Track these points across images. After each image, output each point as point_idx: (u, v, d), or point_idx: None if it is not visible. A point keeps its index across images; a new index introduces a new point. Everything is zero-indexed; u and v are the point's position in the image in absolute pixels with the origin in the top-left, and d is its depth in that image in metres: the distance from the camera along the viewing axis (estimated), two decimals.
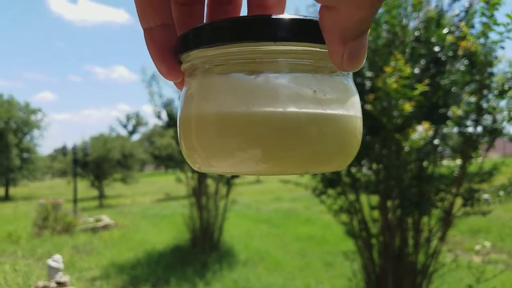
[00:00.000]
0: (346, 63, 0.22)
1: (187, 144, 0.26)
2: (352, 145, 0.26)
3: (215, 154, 0.24)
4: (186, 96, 0.26)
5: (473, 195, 1.96)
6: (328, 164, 0.25)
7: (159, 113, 4.65)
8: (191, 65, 0.26)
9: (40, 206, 6.34)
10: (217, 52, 0.24)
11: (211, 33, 0.24)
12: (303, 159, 0.24)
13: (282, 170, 0.24)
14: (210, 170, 0.26)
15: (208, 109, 0.24)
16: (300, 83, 0.23)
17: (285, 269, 3.78)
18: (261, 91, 0.23)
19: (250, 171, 0.24)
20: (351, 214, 2.30)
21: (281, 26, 0.22)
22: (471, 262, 2.71)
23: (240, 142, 0.23)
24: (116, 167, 13.98)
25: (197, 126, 0.25)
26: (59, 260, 3.27)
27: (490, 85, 1.86)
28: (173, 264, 4.03)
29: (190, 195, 4.57)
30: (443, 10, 2.08)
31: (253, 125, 0.23)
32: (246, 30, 0.23)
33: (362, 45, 0.22)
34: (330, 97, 0.24)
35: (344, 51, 0.21)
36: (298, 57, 0.24)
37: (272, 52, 0.23)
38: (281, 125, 0.23)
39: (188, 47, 0.25)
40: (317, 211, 6.41)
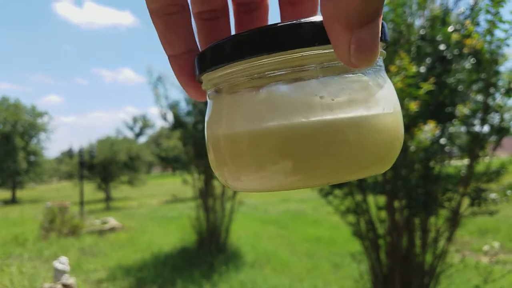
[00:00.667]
0: (354, 57, 0.18)
1: (217, 159, 0.26)
2: (386, 146, 0.23)
3: (245, 169, 0.24)
4: (212, 114, 0.26)
5: (480, 194, 1.94)
6: (358, 172, 0.23)
7: (166, 115, 4.66)
8: (211, 85, 0.26)
9: (47, 209, 6.37)
10: (236, 69, 0.23)
11: (223, 51, 0.23)
12: (326, 171, 0.22)
13: (308, 183, 0.23)
14: (238, 186, 0.25)
15: (237, 127, 0.23)
16: (303, 91, 0.22)
17: (293, 271, 3.76)
18: (268, 105, 0.22)
19: (277, 184, 0.23)
20: (358, 214, 2.29)
21: (277, 35, 0.21)
22: (479, 262, 2.68)
23: (268, 156, 0.22)
24: (123, 170, 14.02)
25: (228, 144, 0.24)
26: (65, 262, 3.28)
27: (497, 84, 1.84)
28: (179, 266, 4.03)
29: (197, 196, 4.57)
30: (448, 8, 2.07)
31: (264, 140, 0.22)
32: (245, 46, 0.22)
33: (373, 34, 0.18)
34: (341, 99, 0.22)
35: (350, 41, 0.18)
36: (300, 64, 0.22)
37: (272, 64, 0.22)
38: (290, 139, 0.22)
39: (203, 68, 0.25)
40: (325, 212, 6.39)
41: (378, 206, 2.25)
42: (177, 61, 0.27)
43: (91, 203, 12.71)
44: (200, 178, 4.53)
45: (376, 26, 0.18)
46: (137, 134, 40.30)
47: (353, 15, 0.18)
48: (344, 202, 2.38)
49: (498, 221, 4.96)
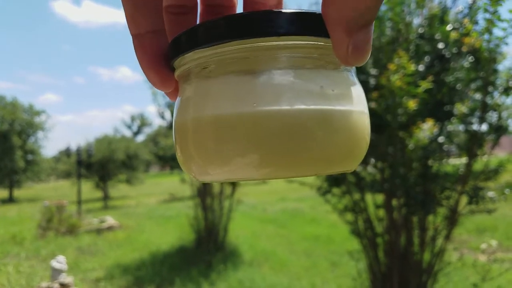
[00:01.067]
0: (351, 56, 0.21)
1: (183, 151, 0.25)
2: (362, 143, 0.25)
3: (212, 161, 0.23)
4: (182, 102, 0.25)
5: (478, 193, 1.94)
6: (338, 165, 0.24)
7: (163, 114, 4.66)
8: (186, 70, 0.25)
9: (44, 208, 6.35)
10: (213, 52, 0.22)
11: (206, 32, 0.22)
12: (312, 160, 0.22)
13: (285, 174, 0.23)
14: (206, 179, 0.25)
15: (206, 112, 0.23)
16: (306, 79, 0.22)
17: (291, 269, 3.77)
18: (265, 89, 0.22)
19: (248, 176, 0.23)
20: (356, 213, 2.29)
21: (282, 19, 0.21)
22: (476, 260, 2.69)
23: (239, 146, 0.22)
24: (121, 168, 14.00)
25: (194, 132, 0.23)
26: (62, 261, 3.27)
27: (495, 82, 1.85)
28: (178, 264, 4.03)
29: (195, 195, 4.57)
30: (446, 7, 2.07)
31: (257, 126, 0.21)
32: (244, 25, 0.21)
33: (368, 37, 0.21)
34: (338, 92, 0.23)
35: (349, 43, 0.21)
36: (302, 52, 0.22)
37: (273, 48, 0.22)
38: (289, 124, 0.21)
39: (181, 50, 0.23)
40: (323, 211, 6.39)
41: (376, 204, 2.25)
42: (141, 40, 0.25)
43: (88, 202, 12.69)
44: None
45: (370, 30, 0.21)
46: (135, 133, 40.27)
47: (353, 21, 0.20)
48: (342, 201, 2.38)
49: (496, 220, 4.98)
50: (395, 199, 2.10)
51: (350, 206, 2.31)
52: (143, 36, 0.25)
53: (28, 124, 18.79)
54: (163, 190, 14.92)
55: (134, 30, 0.25)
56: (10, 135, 17.15)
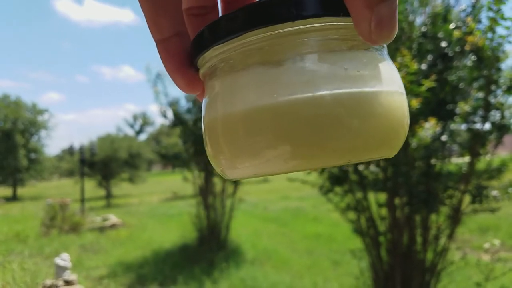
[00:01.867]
0: (375, 33, 0.19)
1: (213, 147, 0.24)
2: (401, 125, 0.23)
3: (241, 154, 0.22)
4: (209, 99, 0.24)
5: (481, 192, 1.94)
6: (374, 151, 0.22)
7: (165, 112, 4.66)
8: (209, 67, 0.24)
9: (47, 206, 6.38)
10: (232, 45, 0.22)
11: (223, 26, 0.22)
12: (342, 148, 0.21)
13: (316, 164, 0.22)
14: (234, 174, 0.24)
15: (234, 108, 0.22)
16: (327, 62, 0.21)
17: (293, 268, 3.77)
18: (285, 78, 0.21)
19: (277, 169, 0.22)
20: (358, 212, 2.29)
21: (297, 2, 0.20)
22: (480, 260, 2.69)
23: (265, 138, 0.21)
24: (124, 167, 14.03)
25: (223, 128, 0.23)
26: (66, 258, 3.29)
27: (498, 81, 1.84)
28: (180, 263, 4.04)
29: (197, 194, 4.58)
30: (449, 5, 2.06)
31: (279, 117, 0.20)
32: (261, 14, 0.20)
33: (392, 9, 0.19)
34: (365, 73, 0.21)
35: (371, 17, 0.19)
36: (321, 35, 0.21)
37: (291, 34, 0.21)
38: (312, 112, 0.20)
39: (203, 48, 0.23)
40: (325, 210, 6.39)
41: (378, 203, 2.25)
42: (165, 45, 0.25)
43: (91, 200, 12.73)
44: (200, 175, 4.53)
45: (395, 1, 0.19)
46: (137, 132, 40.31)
47: None
48: (344, 199, 2.37)
49: (499, 219, 4.96)
50: (397, 197, 2.10)
51: (353, 204, 2.31)
52: (167, 41, 0.25)
53: (31, 122, 18.85)
54: (166, 188, 14.95)
55: (157, 36, 0.25)
56: (13, 134, 17.21)
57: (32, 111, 19.22)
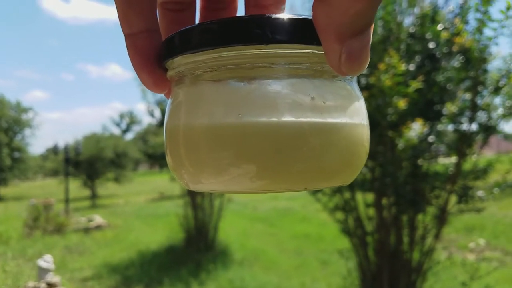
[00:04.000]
0: (344, 65, 0.19)
1: (174, 158, 0.24)
2: (358, 156, 0.23)
3: (205, 170, 0.22)
4: (173, 106, 0.24)
5: (467, 192, 1.96)
6: (331, 179, 0.23)
7: (153, 111, 4.62)
8: (177, 73, 0.24)
9: (31, 206, 6.28)
10: (205, 57, 0.21)
11: (198, 36, 0.21)
12: (303, 175, 0.21)
13: (279, 187, 0.22)
14: (198, 188, 0.23)
15: (197, 120, 0.22)
16: (296, 89, 0.21)
17: (281, 268, 3.76)
18: (253, 99, 0.21)
19: (243, 188, 0.22)
20: (346, 212, 2.29)
21: (273, 27, 0.20)
22: (465, 259, 2.71)
23: (231, 156, 0.21)
24: (109, 167, 13.88)
25: (186, 140, 0.22)
26: (49, 260, 3.23)
27: (485, 82, 1.86)
28: (167, 264, 4.00)
29: (185, 194, 4.55)
30: (437, 6, 2.07)
31: (244, 137, 0.20)
32: (236, 32, 0.20)
33: (363, 44, 0.19)
34: (330, 104, 0.22)
35: (341, 51, 0.19)
36: (293, 61, 0.21)
37: (264, 56, 0.21)
38: (275, 137, 0.20)
39: (173, 53, 0.22)
40: (314, 210, 6.40)
41: (366, 203, 2.25)
42: (134, 40, 0.24)
43: (76, 200, 12.56)
44: None
45: (367, 36, 0.19)
46: (124, 131, 39.98)
47: (345, 27, 0.18)
48: (332, 200, 2.37)
49: (484, 219, 5.03)
50: (385, 198, 2.11)
51: (341, 204, 2.31)
52: (136, 36, 0.24)
53: (15, 121, 18.54)
54: (152, 188, 14.83)
55: (127, 30, 0.24)
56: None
57: (16, 110, 18.91)
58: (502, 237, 4.53)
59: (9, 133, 18.09)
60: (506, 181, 1.96)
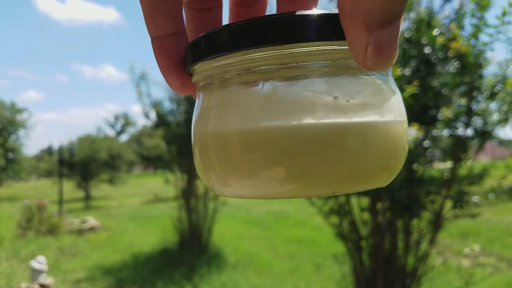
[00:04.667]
0: (370, 59, 0.17)
1: (203, 160, 0.23)
2: (393, 156, 0.22)
3: (234, 172, 0.21)
4: (201, 110, 0.24)
5: (462, 197, 1.96)
6: (365, 183, 0.21)
7: (148, 113, 4.60)
8: (203, 78, 0.23)
9: (24, 207, 6.23)
10: (232, 60, 0.21)
11: (223, 39, 0.21)
12: (329, 179, 0.20)
13: (308, 191, 0.21)
14: (225, 191, 0.23)
15: (227, 125, 0.21)
16: (317, 89, 0.20)
17: (275, 272, 3.75)
18: (270, 102, 0.20)
19: (272, 192, 0.21)
20: (341, 216, 2.29)
21: (297, 25, 0.19)
22: (460, 265, 2.71)
23: (258, 160, 0.20)
24: (103, 168, 13.83)
25: (216, 143, 0.22)
26: (42, 261, 3.20)
27: (480, 87, 1.86)
28: (160, 266, 3.98)
29: (179, 196, 4.52)
30: (433, 11, 2.08)
31: (267, 141, 0.20)
32: (248, 34, 0.20)
33: (392, 36, 0.17)
34: (356, 102, 0.20)
35: (368, 42, 0.17)
36: (312, 59, 0.20)
37: (290, 56, 0.20)
38: (297, 140, 0.19)
39: (199, 57, 0.22)
40: (308, 213, 6.40)
41: (361, 207, 2.25)
42: (161, 43, 0.24)
43: (70, 202, 12.49)
44: (182, 177, 4.48)
45: (397, 27, 0.17)
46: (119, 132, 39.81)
47: (374, 15, 0.16)
48: (327, 203, 2.37)
49: (479, 224, 5.04)
50: (380, 202, 2.11)
51: (335, 208, 2.30)
52: (163, 39, 0.24)
53: (10, 121, 18.44)
54: (147, 190, 14.77)
55: (154, 32, 0.24)
56: None
57: (11, 110, 18.81)
58: (497, 243, 4.54)
59: (3, 134, 18.00)
60: (501, 186, 1.96)
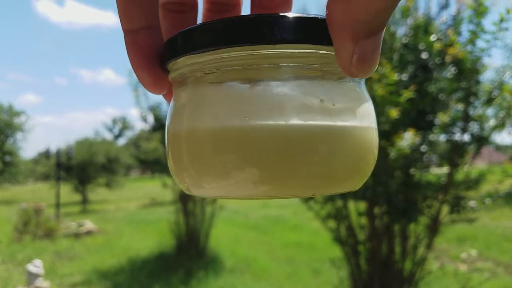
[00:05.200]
0: (355, 67, 0.18)
1: (176, 161, 0.23)
2: (368, 161, 0.23)
3: (207, 173, 0.21)
4: (176, 109, 0.23)
5: (459, 202, 1.96)
6: (340, 185, 0.22)
7: (146, 117, 4.60)
8: (180, 74, 0.23)
9: (21, 211, 6.21)
10: (209, 58, 0.21)
11: (202, 36, 0.21)
12: (311, 180, 0.21)
13: (284, 192, 0.21)
14: (200, 192, 0.23)
15: (200, 123, 0.21)
16: (304, 91, 0.20)
17: (272, 277, 3.74)
18: (259, 101, 0.20)
19: (246, 194, 0.21)
20: (338, 220, 2.29)
21: (281, 26, 0.19)
22: (457, 270, 2.71)
23: (236, 160, 0.20)
24: (101, 172, 13.78)
25: (188, 143, 0.22)
26: (39, 265, 3.19)
27: (477, 93, 1.87)
28: (157, 271, 3.97)
29: (177, 200, 4.51)
30: (430, 17, 2.09)
31: (249, 140, 0.20)
32: (242, 31, 0.19)
33: (375, 46, 0.18)
34: (340, 106, 0.21)
35: (354, 51, 0.18)
36: (301, 62, 0.20)
37: (271, 57, 0.20)
38: (283, 141, 0.19)
39: (176, 54, 0.22)
40: (305, 218, 6.39)
41: (358, 212, 2.25)
42: (134, 37, 0.23)
43: (67, 205, 12.44)
44: None
45: (380, 38, 0.18)
46: (116, 136, 39.78)
47: (361, 25, 0.17)
48: (324, 208, 2.37)
49: (476, 229, 5.05)
50: (377, 207, 2.11)
51: (333, 213, 2.31)
52: (136, 32, 0.23)
53: (7, 124, 18.39)
54: (144, 194, 14.73)
55: (127, 26, 0.23)
56: None
57: (8, 113, 18.76)
58: (494, 248, 4.54)
59: (1, 137, 17.94)
60: (498, 191, 1.97)
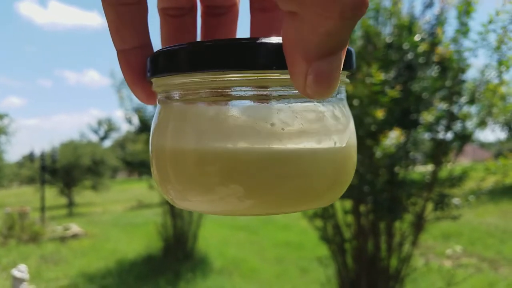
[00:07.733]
0: (310, 88, 0.17)
1: (160, 171, 0.24)
2: (333, 180, 0.23)
3: (190, 187, 0.22)
4: (159, 122, 0.24)
5: (443, 199, 1.99)
6: (306, 204, 0.23)
7: (131, 119, 4.56)
8: (162, 91, 0.24)
9: (5, 215, 6.12)
10: (190, 80, 0.22)
11: (165, 61, 0.22)
12: (268, 200, 0.21)
13: (260, 211, 0.22)
14: (186, 206, 0.23)
15: (182, 141, 0.22)
16: (256, 115, 0.21)
17: (261, 277, 3.75)
18: (214, 124, 0.21)
19: (232, 209, 0.22)
20: (325, 219, 2.30)
21: (236, 53, 0.20)
22: (442, 266, 2.75)
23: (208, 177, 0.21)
24: (86, 174, 13.62)
25: (171, 160, 0.23)
26: (24, 270, 3.14)
27: (461, 92, 1.90)
28: (144, 273, 3.94)
29: (164, 202, 4.49)
30: (414, 17, 2.12)
31: (208, 161, 0.21)
32: (199, 58, 0.20)
33: (332, 67, 0.17)
34: (292, 129, 0.21)
35: (308, 72, 0.17)
36: (259, 85, 0.21)
37: (228, 82, 0.21)
38: (232, 164, 0.20)
39: (151, 73, 0.23)
40: (295, 217, 6.41)
41: (344, 210, 2.27)
42: (127, 56, 0.24)
43: (52, 209, 12.27)
44: None
45: (338, 58, 0.17)
46: (102, 138, 39.35)
47: (313, 46, 0.17)
48: None
49: (460, 226, 5.12)
50: (363, 205, 2.13)
51: (319, 212, 2.32)
52: (128, 52, 0.24)
53: None
54: (131, 196, 14.60)
55: (119, 46, 0.24)
56: None
57: None
58: (478, 244, 4.62)
59: None
60: (481, 188, 2.00)
